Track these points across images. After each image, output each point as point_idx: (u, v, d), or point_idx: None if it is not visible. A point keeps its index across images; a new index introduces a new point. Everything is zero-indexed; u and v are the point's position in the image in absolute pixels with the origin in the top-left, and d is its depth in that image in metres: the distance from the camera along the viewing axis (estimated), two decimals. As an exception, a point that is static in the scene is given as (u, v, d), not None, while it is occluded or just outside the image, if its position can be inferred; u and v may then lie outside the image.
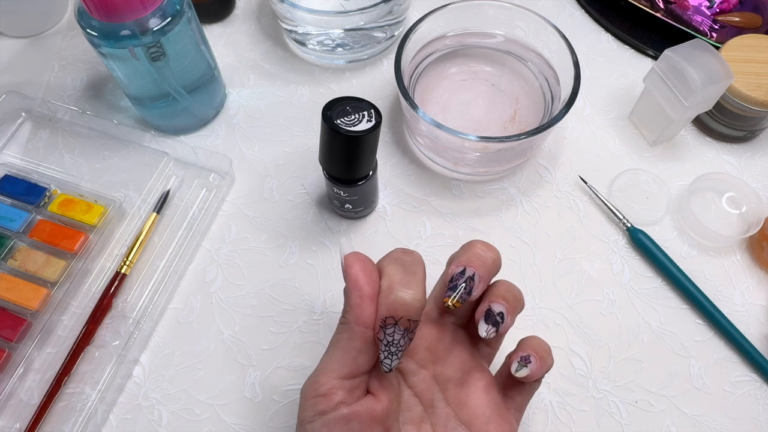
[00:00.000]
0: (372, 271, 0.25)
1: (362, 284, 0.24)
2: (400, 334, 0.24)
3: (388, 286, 0.24)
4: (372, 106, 0.32)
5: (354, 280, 0.25)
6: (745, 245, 0.42)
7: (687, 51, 0.40)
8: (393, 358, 0.24)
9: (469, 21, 0.46)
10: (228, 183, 0.44)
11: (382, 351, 0.24)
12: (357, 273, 0.25)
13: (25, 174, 0.43)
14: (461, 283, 0.27)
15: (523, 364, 0.27)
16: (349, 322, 0.24)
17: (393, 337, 0.24)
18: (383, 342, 0.24)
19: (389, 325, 0.24)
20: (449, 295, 0.27)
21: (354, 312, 0.24)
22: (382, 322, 0.24)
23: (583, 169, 0.45)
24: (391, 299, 0.24)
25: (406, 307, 0.23)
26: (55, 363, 0.37)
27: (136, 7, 0.36)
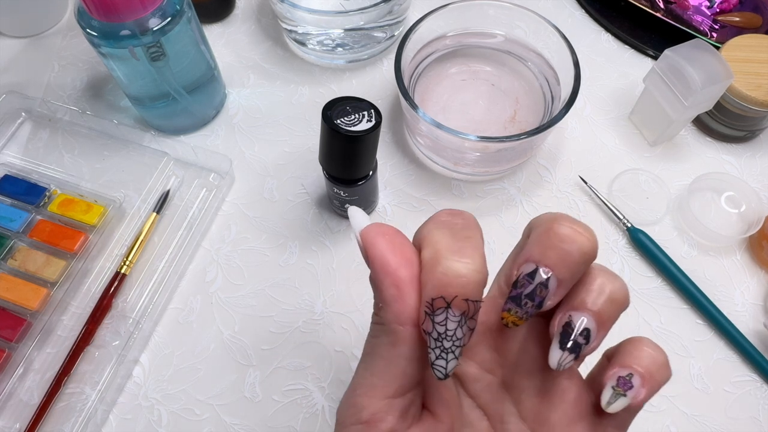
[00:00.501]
0: (403, 245, 0.18)
1: (394, 266, 0.18)
2: (455, 322, 0.17)
3: (434, 255, 0.17)
4: (372, 106, 0.32)
5: (382, 262, 0.18)
6: (745, 245, 0.42)
7: (687, 51, 0.40)
8: (449, 357, 0.17)
9: (469, 21, 0.46)
10: (228, 183, 0.44)
11: (433, 349, 0.17)
12: (384, 252, 0.18)
13: (25, 174, 0.43)
14: (528, 291, 0.18)
15: (621, 393, 0.19)
16: (388, 322, 0.18)
17: (446, 326, 0.17)
18: (432, 335, 0.17)
19: (439, 310, 0.17)
20: (509, 308, 0.19)
21: (392, 308, 0.18)
22: (428, 307, 0.17)
23: (583, 169, 0.45)
24: (439, 273, 0.17)
25: (460, 281, 0.17)
26: (55, 363, 0.37)
27: (135, 7, 0.36)
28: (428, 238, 0.18)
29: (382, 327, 0.18)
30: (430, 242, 0.18)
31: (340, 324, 0.39)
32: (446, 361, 0.17)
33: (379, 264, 0.18)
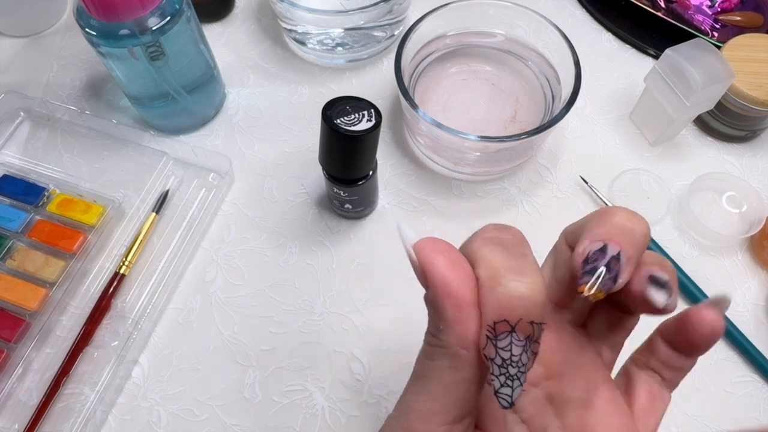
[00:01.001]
0: (462, 263, 0.17)
1: (456, 287, 0.17)
2: (520, 346, 0.16)
3: (491, 275, 0.16)
4: (372, 106, 0.32)
5: (444, 282, 0.17)
6: (747, 245, 0.42)
7: (688, 50, 0.40)
8: (514, 384, 0.16)
9: (470, 20, 0.46)
10: (227, 183, 0.44)
11: (497, 376, 0.16)
12: (444, 272, 0.17)
13: (23, 174, 0.43)
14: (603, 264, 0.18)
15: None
16: (450, 345, 0.17)
17: (510, 351, 0.16)
18: (495, 362, 0.16)
19: (502, 334, 0.16)
20: (586, 281, 0.18)
21: (455, 330, 0.17)
22: (490, 332, 0.16)
23: (584, 169, 0.45)
24: (500, 294, 0.16)
25: (523, 303, 0.16)
26: (54, 363, 0.37)
27: (135, 7, 0.36)
28: (480, 256, 0.17)
29: (442, 350, 0.17)
30: (484, 260, 0.17)
31: (340, 324, 0.39)
32: (512, 388, 0.16)
33: (441, 284, 0.17)
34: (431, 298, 0.17)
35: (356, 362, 0.38)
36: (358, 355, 0.38)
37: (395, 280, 0.40)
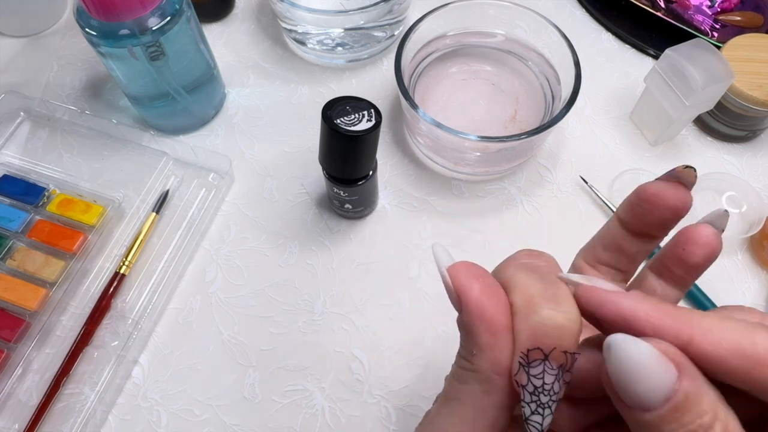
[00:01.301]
0: (497, 289, 0.17)
1: (491, 312, 0.16)
2: (552, 375, 0.16)
3: (527, 302, 0.16)
4: (372, 106, 0.32)
5: (478, 307, 0.16)
6: (747, 245, 0.42)
7: (688, 50, 0.40)
8: (545, 412, 0.16)
9: (470, 20, 0.46)
10: (227, 183, 0.44)
11: (528, 403, 0.16)
12: (480, 296, 0.17)
13: (23, 174, 0.43)
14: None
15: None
16: (482, 370, 0.17)
17: (543, 379, 0.16)
18: (527, 389, 0.16)
19: (536, 362, 0.16)
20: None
21: (488, 355, 0.16)
22: (523, 359, 0.16)
23: (584, 169, 0.45)
24: (535, 322, 0.16)
25: (558, 331, 0.16)
26: (54, 363, 0.37)
27: (135, 7, 0.36)
28: (515, 282, 0.17)
29: (474, 374, 0.17)
30: (519, 287, 0.17)
31: (340, 324, 0.39)
32: (542, 416, 0.16)
33: (475, 309, 0.17)
34: (465, 322, 0.17)
35: (356, 362, 0.38)
36: (358, 355, 0.38)
37: (395, 280, 0.40)
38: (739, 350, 0.14)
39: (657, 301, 0.15)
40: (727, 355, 0.14)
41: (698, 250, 0.18)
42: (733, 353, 0.14)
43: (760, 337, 0.14)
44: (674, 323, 0.14)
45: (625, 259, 0.20)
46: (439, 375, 0.36)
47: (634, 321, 0.15)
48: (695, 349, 0.14)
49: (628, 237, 0.20)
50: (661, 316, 0.15)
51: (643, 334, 0.15)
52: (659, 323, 0.14)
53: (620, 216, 0.20)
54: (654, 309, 0.15)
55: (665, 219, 0.19)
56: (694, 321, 0.14)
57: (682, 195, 0.18)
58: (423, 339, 0.38)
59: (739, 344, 0.14)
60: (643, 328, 0.15)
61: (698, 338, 0.14)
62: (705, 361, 0.14)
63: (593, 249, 0.21)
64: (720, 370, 0.14)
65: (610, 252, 0.20)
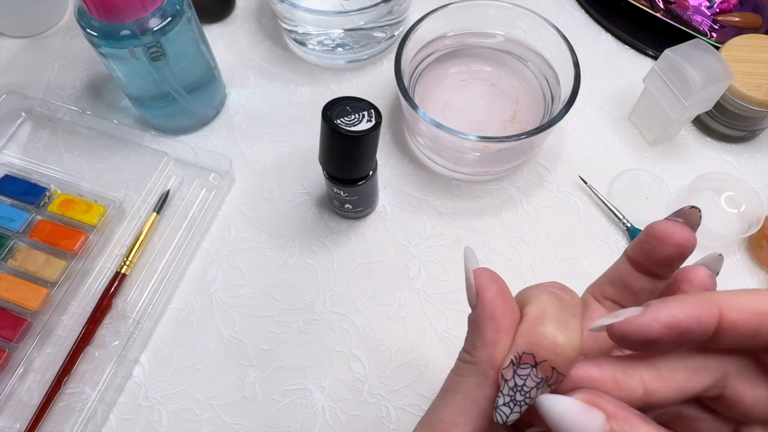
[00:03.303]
0: (510, 297, 0.19)
1: (501, 313, 0.18)
2: (534, 382, 0.17)
3: (539, 315, 0.18)
4: (372, 106, 0.32)
5: (492, 306, 0.19)
6: (745, 245, 0.42)
7: (687, 51, 0.40)
8: (515, 408, 0.17)
9: (469, 21, 0.46)
10: (228, 183, 0.44)
11: (504, 394, 0.18)
12: (495, 297, 0.19)
13: (25, 174, 0.43)
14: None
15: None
16: (480, 362, 0.18)
17: (525, 381, 0.17)
18: (508, 383, 0.17)
19: (524, 365, 0.17)
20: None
21: (488, 350, 0.18)
22: (515, 358, 0.17)
23: (583, 169, 0.45)
24: (539, 332, 0.17)
25: (555, 348, 0.17)
26: (55, 363, 0.37)
27: (136, 7, 0.36)
28: (537, 299, 0.19)
29: (472, 367, 0.19)
30: (539, 303, 0.18)
31: (340, 324, 0.39)
32: (511, 411, 0.17)
33: (489, 307, 0.19)
34: (475, 318, 0.19)
35: (356, 362, 0.38)
36: (358, 354, 0.38)
37: (395, 280, 0.40)
38: (758, 311, 0.16)
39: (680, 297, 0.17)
40: (750, 316, 0.16)
41: (693, 289, 0.20)
42: (755, 314, 0.16)
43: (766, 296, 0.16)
44: (704, 308, 0.16)
45: (629, 296, 0.21)
46: (439, 374, 0.37)
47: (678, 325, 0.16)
48: (725, 319, 0.16)
49: (634, 274, 0.21)
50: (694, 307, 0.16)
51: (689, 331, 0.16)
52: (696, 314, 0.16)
53: (629, 253, 0.21)
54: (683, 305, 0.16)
55: (671, 256, 0.20)
56: (721, 298, 0.16)
57: (687, 234, 0.19)
58: (423, 339, 0.38)
59: (759, 306, 0.16)
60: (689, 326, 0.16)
61: (725, 310, 0.16)
62: (734, 328, 0.16)
63: (600, 285, 0.22)
64: (746, 333, 0.16)
65: (616, 288, 0.22)
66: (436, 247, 0.42)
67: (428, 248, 0.42)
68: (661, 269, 0.20)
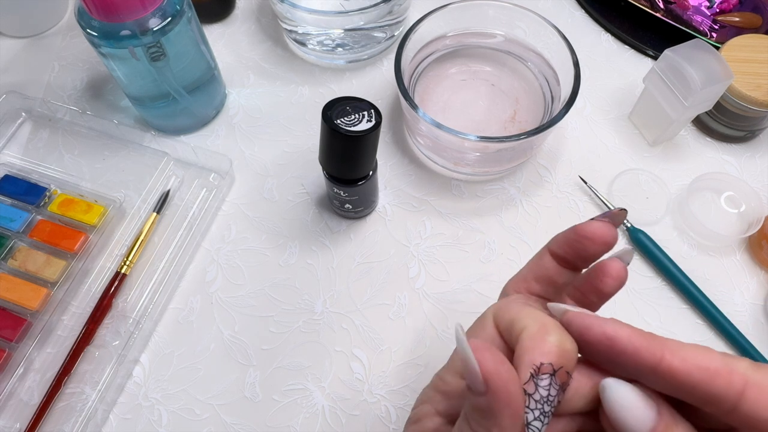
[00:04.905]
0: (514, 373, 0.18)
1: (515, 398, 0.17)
2: (555, 389, 0.18)
3: (541, 328, 0.18)
4: (372, 106, 0.32)
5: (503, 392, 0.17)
6: (745, 245, 0.42)
7: (687, 51, 0.40)
8: (545, 419, 0.18)
9: (469, 21, 0.46)
10: (228, 183, 0.44)
11: (532, 410, 0.17)
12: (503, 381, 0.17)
13: (25, 174, 0.43)
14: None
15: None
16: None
17: (549, 391, 0.18)
18: (534, 397, 0.17)
19: (544, 375, 0.17)
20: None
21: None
22: (534, 371, 0.17)
23: (583, 169, 0.45)
24: (552, 342, 0.18)
25: (566, 355, 0.18)
26: (55, 363, 0.37)
27: (136, 7, 0.36)
28: (525, 313, 0.20)
29: None
30: (533, 317, 0.19)
31: (340, 324, 0.39)
32: (542, 423, 0.18)
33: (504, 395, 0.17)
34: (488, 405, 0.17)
35: (356, 361, 0.38)
36: (358, 354, 0.38)
37: (395, 280, 0.40)
38: (700, 365, 0.16)
39: (633, 327, 0.18)
40: (691, 369, 0.16)
41: (610, 281, 0.22)
42: (696, 368, 0.16)
43: (713, 355, 0.17)
44: (650, 344, 0.17)
45: (552, 290, 0.23)
46: (439, 374, 0.36)
47: (617, 341, 0.17)
48: (666, 364, 0.17)
49: (559, 270, 0.22)
50: (639, 338, 0.17)
51: (624, 353, 0.17)
52: (638, 343, 0.17)
53: (554, 251, 0.23)
54: (633, 332, 0.17)
55: (598, 253, 0.22)
56: (665, 342, 0.17)
57: (613, 232, 0.21)
58: (423, 339, 0.38)
59: (700, 361, 0.16)
60: (625, 347, 0.17)
61: (668, 356, 0.17)
62: (674, 375, 0.17)
63: (526, 281, 0.24)
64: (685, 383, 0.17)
65: (541, 284, 0.23)
66: (436, 247, 0.42)
67: (428, 248, 0.42)
68: (584, 264, 0.22)
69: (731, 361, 0.17)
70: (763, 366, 0.17)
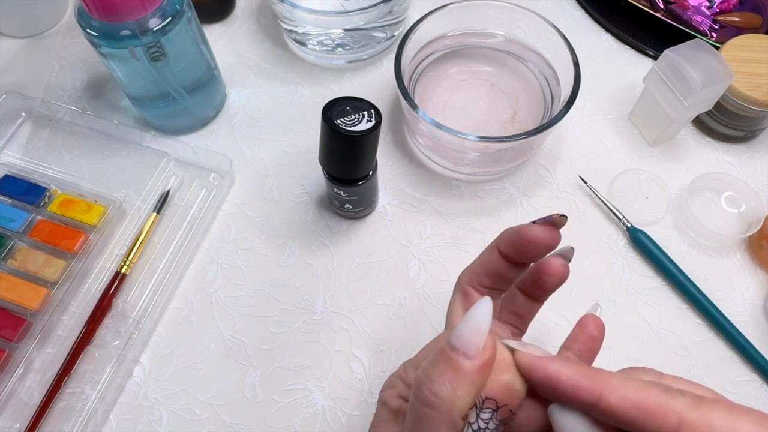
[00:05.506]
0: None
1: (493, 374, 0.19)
2: (495, 424, 0.19)
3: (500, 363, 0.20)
4: (372, 106, 0.32)
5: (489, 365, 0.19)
6: (745, 245, 0.42)
7: (687, 51, 0.40)
8: None
9: (469, 21, 0.46)
10: (228, 183, 0.44)
11: None
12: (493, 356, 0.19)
13: (25, 174, 0.43)
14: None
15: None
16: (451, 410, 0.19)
17: (487, 425, 0.19)
18: (473, 426, 0.19)
19: (487, 410, 0.19)
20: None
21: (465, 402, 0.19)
22: (478, 402, 0.19)
23: (583, 169, 0.45)
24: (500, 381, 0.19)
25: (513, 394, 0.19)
26: (55, 363, 0.37)
27: (136, 7, 0.36)
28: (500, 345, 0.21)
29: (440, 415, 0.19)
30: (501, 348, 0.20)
31: (340, 324, 0.39)
32: None
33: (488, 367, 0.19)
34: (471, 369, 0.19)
35: (356, 362, 0.38)
36: (358, 354, 0.38)
37: (395, 280, 0.40)
38: (636, 404, 0.17)
39: (576, 364, 0.19)
40: (628, 407, 0.17)
41: (551, 279, 0.24)
42: (633, 406, 0.17)
43: (652, 393, 0.17)
44: (588, 383, 0.18)
45: (503, 283, 0.25)
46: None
47: (557, 382, 0.18)
48: (604, 403, 0.17)
49: (507, 266, 0.24)
50: (579, 378, 0.18)
51: (564, 392, 0.18)
52: (577, 384, 0.18)
53: (502, 250, 0.24)
54: (573, 371, 0.18)
55: (540, 254, 0.23)
56: (603, 380, 0.18)
57: (556, 236, 0.23)
58: (423, 338, 0.38)
59: (637, 399, 0.17)
60: (565, 388, 0.18)
61: (606, 394, 0.18)
62: (612, 412, 0.17)
63: (477, 275, 0.25)
64: (623, 420, 0.17)
65: (492, 278, 0.25)
66: (436, 247, 0.42)
67: (428, 248, 0.42)
68: (530, 261, 0.24)
69: (669, 399, 0.17)
70: (704, 403, 0.17)
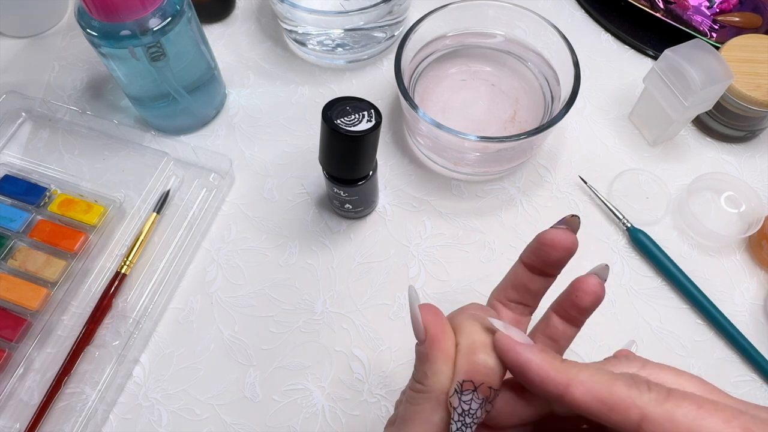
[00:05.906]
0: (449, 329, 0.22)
1: (448, 347, 0.21)
2: (477, 403, 0.20)
3: (470, 346, 0.21)
4: (372, 106, 0.32)
5: (437, 340, 0.21)
6: (745, 245, 0.42)
7: (687, 51, 0.40)
8: (467, 430, 0.20)
9: (469, 21, 0.46)
10: (228, 183, 0.44)
11: (455, 421, 0.20)
12: (438, 332, 0.21)
13: (25, 174, 0.43)
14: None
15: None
16: (433, 390, 0.21)
17: (470, 405, 0.20)
18: (457, 410, 0.20)
19: (467, 391, 0.20)
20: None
21: (440, 379, 0.21)
22: (458, 387, 0.20)
23: (583, 169, 0.45)
24: (474, 362, 0.20)
25: (489, 372, 0.20)
26: (55, 363, 0.37)
27: (136, 7, 0.36)
28: (463, 328, 0.22)
29: (427, 396, 0.21)
30: (468, 332, 0.21)
31: (340, 324, 0.39)
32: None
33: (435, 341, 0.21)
34: (425, 350, 0.21)
35: (356, 361, 0.38)
36: (358, 354, 0.38)
37: (395, 280, 0.40)
38: (599, 398, 0.18)
39: (548, 356, 0.19)
40: (591, 401, 0.18)
41: (586, 297, 0.23)
42: (596, 400, 0.18)
43: (617, 388, 0.18)
44: (557, 375, 0.19)
45: (529, 296, 0.25)
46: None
47: (527, 370, 0.19)
48: (569, 396, 0.18)
49: (531, 277, 0.24)
50: (548, 369, 0.19)
51: (533, 381, 0.19)
52: (545, 374, 0.19)
53: (524, 260, 0.24)
54: (544, 362, 0.19)
55: (560, 258, 0.23)
56: (572, 374, 0.19)
57: (572, 238, 0.23)
58: (423, 338, 0.38)
59: (601, 394, 0.18)
60: (533, 377, 0.19)
61: (572, 388, 0.18)
62: (577, 405, 0.18)
63: (504, 290, 0.25)
64: (587, 413, 0.18)
65: (517, 291, 0.25)
66: (436, 247, 0.42)
67: (428, 248, 0.42)
68: (552, 269, 0.24)
69: (634, 393, 0.18)
70: (671, 398, 0.17)
